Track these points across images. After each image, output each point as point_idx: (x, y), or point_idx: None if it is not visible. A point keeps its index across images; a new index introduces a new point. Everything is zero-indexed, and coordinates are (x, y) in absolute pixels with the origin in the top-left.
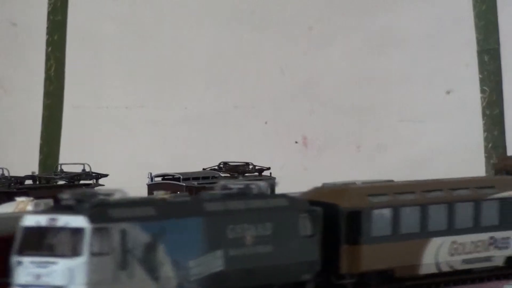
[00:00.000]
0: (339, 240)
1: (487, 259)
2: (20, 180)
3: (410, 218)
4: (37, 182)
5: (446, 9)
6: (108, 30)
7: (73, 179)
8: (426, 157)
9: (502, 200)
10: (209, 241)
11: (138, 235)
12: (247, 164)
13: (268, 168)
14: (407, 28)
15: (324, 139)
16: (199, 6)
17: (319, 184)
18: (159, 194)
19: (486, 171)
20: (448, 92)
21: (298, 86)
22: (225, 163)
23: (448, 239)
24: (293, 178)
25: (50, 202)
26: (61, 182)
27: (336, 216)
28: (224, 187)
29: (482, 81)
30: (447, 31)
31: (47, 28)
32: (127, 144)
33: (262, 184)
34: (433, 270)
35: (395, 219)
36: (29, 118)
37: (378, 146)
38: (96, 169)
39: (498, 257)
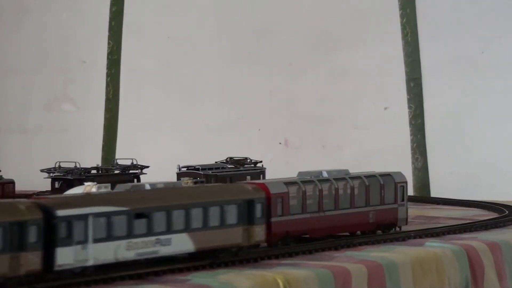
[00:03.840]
0: None
1: None
2: (87, 170)
3: None
4: (100, 172)
5: (385, 50)
6: (149, 65)
7: (125, 170)
8: (371, 154)
9: None
10: None
11: None
12: (246, 158)
13: (261, 162)
14: (358, 63)
15: (299, 141)
16: (213, 48)
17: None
18: (184, 179)
19: (412, 163)
20: (385, 108)
21: (281, 104)
22: (230, 158)
23: None
24: (278, 169)
25: (108, 185)
26: (116, 172)
27: None
28: None
29: (409, 100)
30: (386, 66)
31: (107, 64)
32: (163, 145)
33: None
34: None
35: None
36: (94, 126)
37: (337, 146)
38: (141, 162)
39: None
